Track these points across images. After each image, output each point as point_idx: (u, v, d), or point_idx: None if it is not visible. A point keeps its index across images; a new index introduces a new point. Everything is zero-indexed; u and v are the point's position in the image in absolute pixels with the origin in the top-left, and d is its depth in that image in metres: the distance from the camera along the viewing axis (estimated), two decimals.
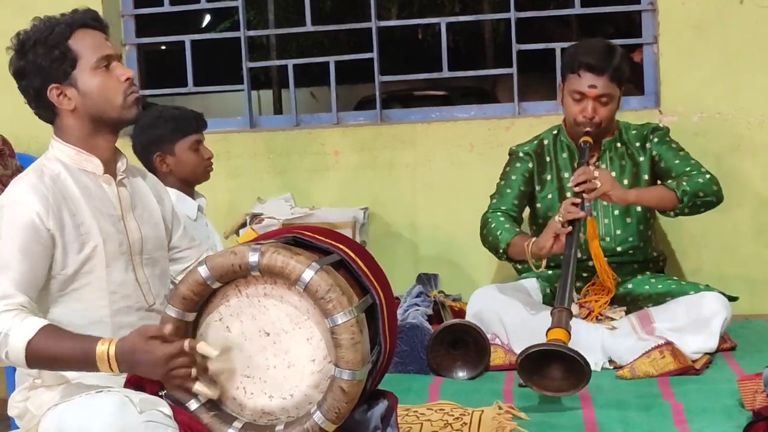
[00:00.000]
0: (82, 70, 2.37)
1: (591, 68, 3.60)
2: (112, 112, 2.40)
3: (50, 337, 2.19)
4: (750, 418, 2.73)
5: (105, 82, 2.39)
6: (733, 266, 4.28)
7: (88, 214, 2.37)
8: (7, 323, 2.18)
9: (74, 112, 2.39)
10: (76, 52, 2.36)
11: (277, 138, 4.67)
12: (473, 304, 3.66)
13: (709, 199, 3.64)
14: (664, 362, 3.33)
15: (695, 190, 3.59)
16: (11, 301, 2.22)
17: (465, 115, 4.70)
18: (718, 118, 4.28)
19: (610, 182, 3.51)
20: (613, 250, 3.73)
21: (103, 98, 2.39)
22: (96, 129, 2.41)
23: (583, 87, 3.62)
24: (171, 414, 2.17)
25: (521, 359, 3.05)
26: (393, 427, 2.42)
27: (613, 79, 3.62)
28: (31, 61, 2.35)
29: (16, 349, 2.18)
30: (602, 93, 3.62)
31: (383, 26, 4.85)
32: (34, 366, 2.24)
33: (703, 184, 3.62)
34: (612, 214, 3.77)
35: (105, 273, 2.38)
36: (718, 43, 4.27)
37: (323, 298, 2.11)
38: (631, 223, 3.77)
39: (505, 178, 3.86)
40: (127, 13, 4.80)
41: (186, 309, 2.20)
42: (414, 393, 3.25)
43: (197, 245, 2.76)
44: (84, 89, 2.37)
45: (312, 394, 2.19)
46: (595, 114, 3.64)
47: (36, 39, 2.35)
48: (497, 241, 3.69)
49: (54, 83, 2.36)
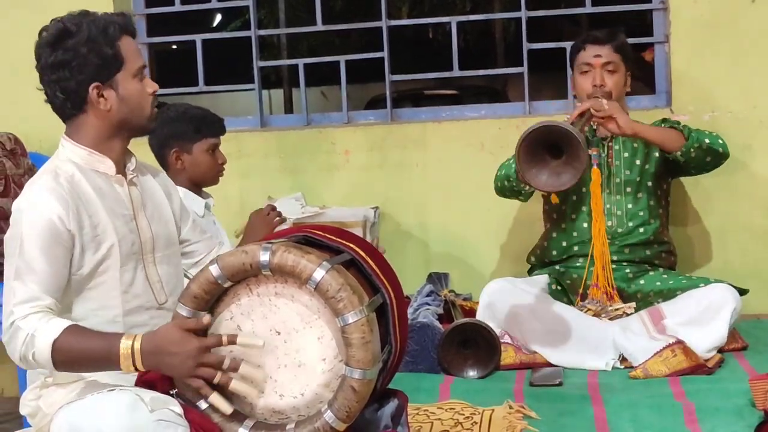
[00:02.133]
0: (125, 75, 2.39)
1: (595, 39, 3.84)
2: (140, 121, 2.44)
3: (74, 336, 2.20)
4: (761, 418, 2.72)
5: (141, 91, 2.43)
6: (744, 265, 4.27)
7: (104, 214, 2.38)
8: (33, 324, 2.20)
9: (106, 113, 2.39)
10: (124, 56, 2.38)
11: (287, 137, 4.67)
12: (485, 297, 3.66)
13: (715, 148, 3.69)
14: (676, 360, 3.33)
15: (702, 137, 3.68)
16: (39, 303, 2.24)
17: (475, 115, 4.70)
18: (730, 116, 4.27)
19: (618, 109, 3.59)
20: (624, 225, 3.76)
21: (138, 106, 2.42)
22: (116, 133, 2.43)
23: (589, 57, 3.82)
24: (182, 413, 2.18)
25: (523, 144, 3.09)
26: (403, 426, 2.42)
27: (617, 50, 3.82)
28: (81, 55, 2.33)
29: (42, 349, 2.19)
30: (607, 60, 3.80)
31: (394, 25, 4.85)
32: (60, 367, 2.24)
33: (709, 135, 3.72)
34: (624, 190, 3.81)
35: (119, 273, 2.39)
36: (729, 41, 4.26)
37: (334, 298, 2.11)
38: (642, 198, 3.81)
39: None
40: (138, 12, 4.81)
41: (197, 308, 2.21)
42: (424, 392, 3.25)
43: (207, 237, 2.77)
44: (123, 94, 2.39)
45: (323, 393, 2.19)
46: (603, 81, 3.77)
47: (89, 33, 2.34)
48: (509, 168, 3.75)
49: (98, 81, 2.36)
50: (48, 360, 2.20)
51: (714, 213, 4.26)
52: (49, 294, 2.26)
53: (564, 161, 3.09)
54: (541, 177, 3.11)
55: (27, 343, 2.19)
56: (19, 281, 2.25)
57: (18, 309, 2.22)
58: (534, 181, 3.12)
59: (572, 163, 3.06)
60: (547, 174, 3.11)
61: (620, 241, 3.75)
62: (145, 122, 2.46)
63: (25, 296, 2.24)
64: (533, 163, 3.11)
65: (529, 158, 3.10)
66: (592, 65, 3.79)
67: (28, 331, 2.19)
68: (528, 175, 3.11)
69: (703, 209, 4.28)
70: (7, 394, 4.55)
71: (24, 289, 2.24)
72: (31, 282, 2.24)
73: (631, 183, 3.80)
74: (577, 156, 3.04)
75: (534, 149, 3.09)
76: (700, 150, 3.66)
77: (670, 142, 3.67)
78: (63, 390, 2.35)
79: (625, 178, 3.80)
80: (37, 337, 2.19)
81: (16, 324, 2.21)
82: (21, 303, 2.23)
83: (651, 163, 3.81)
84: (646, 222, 3.80)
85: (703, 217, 3.99)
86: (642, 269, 3.79)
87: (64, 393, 2.34)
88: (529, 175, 3.11)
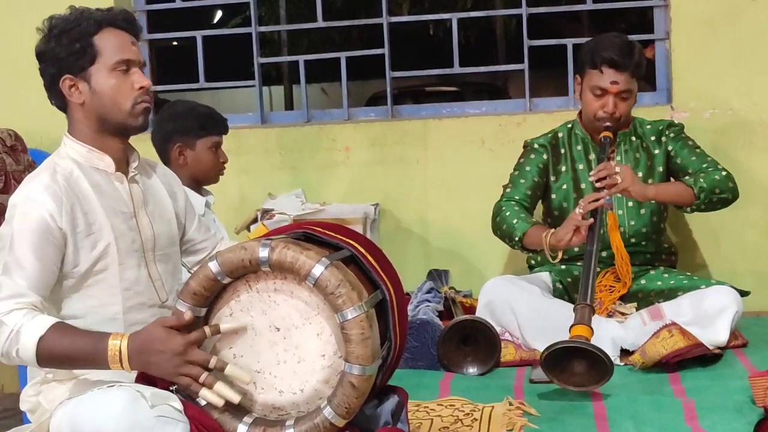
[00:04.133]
0: (99, 68, 2.39)
1: (613, 64, 3.63)
2: (118, 116, 2.41)
3: (61, 334, 2.20)
4: (761, 415, 2.72)
5: (118, 85, 2.40)
6: (744, 262, 4.27)
7: (101, 212, 2.38)
8: (18, 321, 2.20)
9: (83, 107, 2.40)
10: (98, 50, 2.38)
11: (288, 134, 4.67)
12: (485, 294, 3.65)
13: (725, 196, 3.65)
14: (673, 341, 3.27)
15: (712, 187, 3.61)
16: (24, 300, 2.24)
17: (476, 111, 4.70)
18: (731, 114, 4.27)
19: (631, 178, 3.52)
20: (626, 241, 3.74)
21: (112, 101, 2.40)
22: (102, 128, 2.43)
23: (605, 83, 3.65)
24: (182, 409, 2.18)
25: (545, 356, 3.05)
26: (403, 423, 2.42)
27: (634, 74, 3.67)
28: (52, 48, 2.37)
29: (26, 346, 2.19)
30: (624, 89, 3.66)
31: (394, 22, 4.84)
32: (45, 364, 2.25)
33: (720, 181, 3.63)
34: (626, 205, 3.79)
35: (118, 271, 2.39)
36: (730, 38, 4.26)
37: (333, 294, 2.11)
38: (645, 214, 3.79)
39: (519, 168, 3.88)
40: (138, 8, 4.81)
41: (196, 304, 2.21)
42: (424, 388, 3.25)
43: (213, 236, 2.77)
44: (96, 87, 2.39)
45: (322, 390, 2.19)
46: (615, 109, 3.67)
47: (62, 29, 2.37)
48: (512, 229, 3.69)
49: (68, 74, 2.38)
50: (32, 357, 2.20)
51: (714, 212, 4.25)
52: (36, 291, 2.26)
53: (586, 369, 3.08)
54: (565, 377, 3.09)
55: (11, 339, 2.19)
56: (6, 276, 2.25)
57: (2, 304, 2.22)
58: (557, 380, 3.10)
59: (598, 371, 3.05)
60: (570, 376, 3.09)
61: None
62: (125, 118, 2.41)
63: (11, 292, 2.24)
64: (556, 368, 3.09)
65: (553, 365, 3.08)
66: (607, 91, 3.66)
67: (13, 327, 2.19)
68: (552, 376, 3.10)
69: None
70: (7, 390, 4.55)
71: (11, 284, 2.24)
72: (19, 278, 2.25)
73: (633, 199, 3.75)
74: (603, 370, 3.03)
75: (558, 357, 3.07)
76: (711, 203, 3.65)
77: (681, 201, 3.66)
78: (63, 386, 2.36)
79: None
80: (23, 333, 2.19)
81: (0, 319, 2.21)
82: (6, 298, 2.23)
83: (654, 179, 3.79)
84: (649, 237, 3.80)
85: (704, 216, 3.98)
86: (643, 269, 3.79)
87: (65, 389, 2.35)
88: (553, 376, 3.10)
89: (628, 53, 3.65)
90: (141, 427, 2.11)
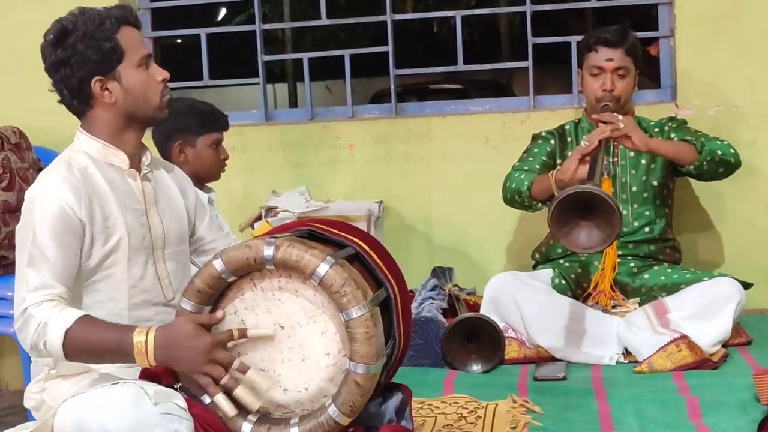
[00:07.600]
0: (126, 66, 2.40)
1: (607, 42, 3.78)
2: (148, 111, 2.44)
3: (87, 326, 2.21)
4: (765, 413, 2.72)
5: (147, 81, 2.43)
6: (748, 259, 4.26)
7: (115, 207, 2.39)
8: (46, 313, 2.21)
9: (112, 106, 2.41)
10: (123, 48, 2.39)
11: (292, 131, 4.67)
12: (490, 290, 3.66)
13: (727, 159, 3.69)
14: (681, 355, 3.34)
15: (714, 148, 3.66)
16: (51, 291, 2.25)
17: (480, 109, 4.69)
18: (735, 111, 4.26)
19: (633, 126, 3.59)
20: (629, 224, 3.75)
21: (143, 96, 2.42)
22: (128, 124, 2.44)
23: (601, 61, 3.77)
24: (186, 406, 2.18)
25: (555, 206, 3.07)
26: (407, 420, 2.43)
27: (629, 53, 3.78)
28: (79, 52, 2.35)
29: (54, 338, 2.20)
30: (619, 65, 3.77)
31: (398, 19, 4.84)
32: (71, 357, 2.25)
33: (722, 145, 3.70)
34: (629, 189, 3.80)
35: (126, 267, 2.40)
36: (734, 36, 4.25)
37: (338, 292, 2.11)
38: (648, 197, 3.81)
39: (527, 151, 3.94)
40: (142, 6, 4.81)
41: (201, 302, 2.21)
42: (428, 386, 3.25)
43: (226, 236, 2.77)
44: (127, 85, 2.40)
45: (327, 388, 2.19)
46: (613, 86, 3.75)
47: (85, 30, 2.35)
48: (520, 183, 3.74)
49: (99, 75, 2.38)
50: (59, 349, 2.21)
51: (718, 208, 4.25)
52: (61, 282, 2.27)
53: (595, 224, 3.10)
54: (572, 237, 3.11)
55: (39, 332, 2.21)
56: (32, 268, 2.26)
57: (30, 296, 2.24)
58: (565, 240, 3.13)
59: (603, 228, 3.07)
60: (578, 234, 3.11)
61: (626, 239, 3.75)
62: (155, 111, 2.46)
63: (37, 283, 2.25)
64: (564, 224, 3.11)
65: (560, 219, 3.10)
66: (603, 69, 3.76)
67: (41, 320, 2.20)
68: (558, 234, 3.12)
69: (707, 204, 4.27)
70: (11, 387, 4.55)
71: (37, 276, 2.26)
72: (44, 269, 2.26)
73: (637, 182, 3.80)
74: (610, 221, 3.06)
75: (566, 211, 3.09)
76: (713, 162, 3.66)
77: (683, 156, 3.68)
78: (67, 383, 2.36)
79: (631, 178, 3.80)
80: (50, 326, 2.20)
81: (29, 311, 2.22)
82: (34, 290, 2.24)
83: (656, 163, 3.81)
84: (652, 221, 3.80)
85: (708, 212, 3.98)
86: (646, 264, 3.79)
87: (69, 386, 2.35)
88: (559, 234, 3.12)
89: (621, 33, 3.81)
90: (145, 424, 2.11)
